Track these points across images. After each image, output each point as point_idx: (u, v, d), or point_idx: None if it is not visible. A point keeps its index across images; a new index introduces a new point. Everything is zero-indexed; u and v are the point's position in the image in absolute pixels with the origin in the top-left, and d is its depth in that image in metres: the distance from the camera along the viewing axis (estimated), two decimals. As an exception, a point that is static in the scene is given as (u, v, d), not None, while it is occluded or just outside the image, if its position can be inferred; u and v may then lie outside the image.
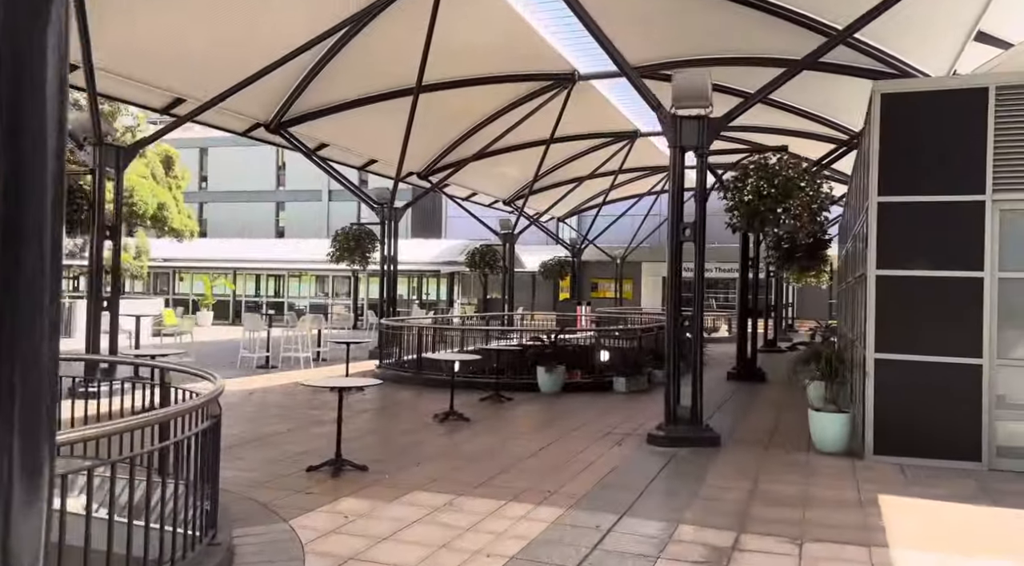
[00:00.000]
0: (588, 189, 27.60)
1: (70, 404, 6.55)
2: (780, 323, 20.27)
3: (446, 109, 17.37)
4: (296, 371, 13.27)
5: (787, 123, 16.39)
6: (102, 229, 9.33)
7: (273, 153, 48.98)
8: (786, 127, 16.60)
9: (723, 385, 12.49)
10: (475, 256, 22.44)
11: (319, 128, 16.00)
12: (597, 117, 20.59)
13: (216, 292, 30.61)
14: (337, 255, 16.16)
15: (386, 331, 12.83)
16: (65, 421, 6.30)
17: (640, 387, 11.62)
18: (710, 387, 10.09)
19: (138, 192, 20.32)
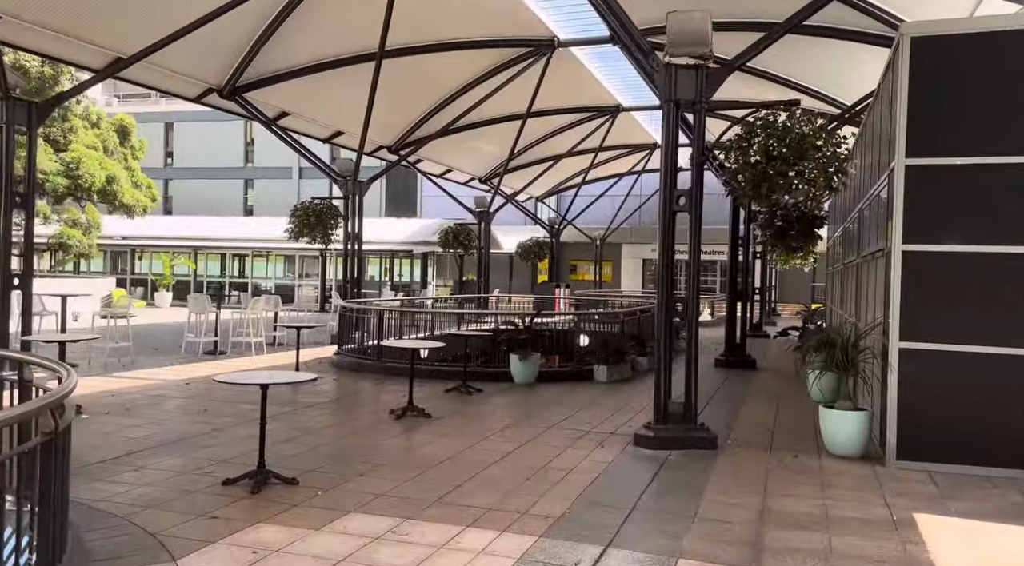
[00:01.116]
0: (567, 168, 26.52)
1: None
2: (765, 307, 19.44)
3: (417, 78, 16.15)
4: (244, 358, 12.08)
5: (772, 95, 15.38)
6: (10, 196, 8.04)
7: (241, 129, 47.24)
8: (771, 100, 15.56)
9: (712, 373, 11.54)
10: (448, 235, 21.25)
11: (279, 95, 14.71)
12: (577, 89, 19.45)
13: (177, 272, 29.11)
14: (296, 231, 14.90)
15: (345, 314, 11.67)
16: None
17: (623, 376, 10.62)
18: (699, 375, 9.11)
19: (85, 164, 18.83)
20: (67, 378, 3.52)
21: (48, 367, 3.96)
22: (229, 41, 12.35)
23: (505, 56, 15.98)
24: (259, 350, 12.64)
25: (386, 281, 29.84)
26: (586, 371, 10.53)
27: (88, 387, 8.68)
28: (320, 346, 13.72)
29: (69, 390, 3.18)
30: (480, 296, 20.75)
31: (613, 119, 21.26)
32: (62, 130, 19.38)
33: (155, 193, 25.67)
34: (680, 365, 6.79)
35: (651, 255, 37.55)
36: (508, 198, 24.29)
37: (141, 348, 12.77)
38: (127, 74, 12.28)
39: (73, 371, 3.67)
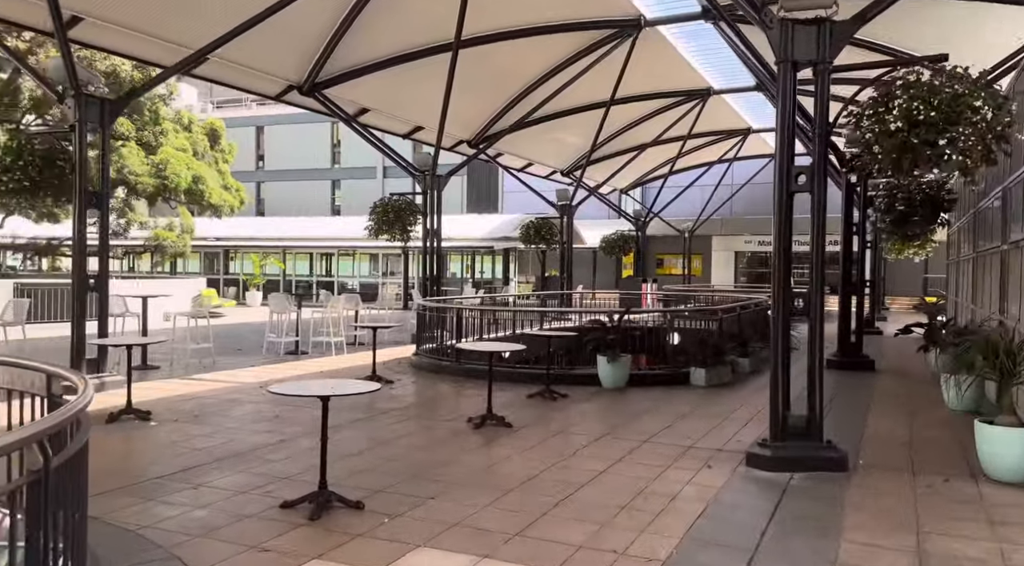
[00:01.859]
0: (653, 158, 25.35)
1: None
2: (877, 301, 17.80)
3: (496, 68, 15.55)
4: (324, 359, 11.79)
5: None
6: (85, 196, 7.90)
7: (328, 131, 48.22)
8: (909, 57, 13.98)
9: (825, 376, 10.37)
10: (530, 230, 20.62)
11: (358, 91, 14.40)
12: (665, 73, 18.34)
13: (267, 272, 29.75)
14: (375, 229, 14.60)
15: (423, 313, 11.17)
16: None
17: (722, 379, 9.64)
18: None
19: (172, 165, 19.26)
20: (81, 393, 3.01)
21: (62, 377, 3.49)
22: (307, 36, 12.11)
23: (587, 40, 15.14)
24: (339, 350, 12.34)
25: (467, 278, 29.51)
26: (681, 374, 9.62)
27: (164, 390, 8.50)
28: (400, 346, 13.33)
29: (69, 416, 2.65)
30: (563, 293, 20.00)
31: (703, 103, 20.01)
32: (153, 134, 19.90)
33: (243, 196, 26.21)
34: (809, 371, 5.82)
35: (744, 247, 35.74)
36: (591, 191, 23.39)
37: (224, 348, 12.72)
38: (208, 73, 12.26)
39: (90, 385, 3.17)
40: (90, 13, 9.18)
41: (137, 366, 10.09)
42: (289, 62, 12.82)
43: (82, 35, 9.54)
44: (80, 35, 9.48)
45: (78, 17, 9.23)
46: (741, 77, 19.25)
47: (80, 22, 9.28)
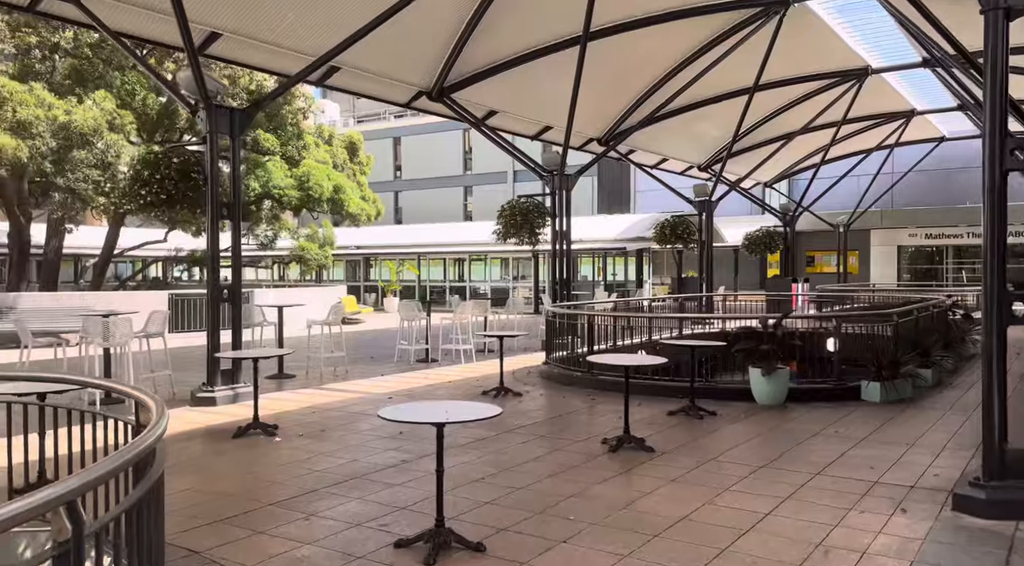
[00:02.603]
0: (800, 148, 23.38)
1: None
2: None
3: (626, 60, 14.72)
4: (454, 367, 11.47)
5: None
6: (218, 207, 7.96)
7: (460, 138, 49.06)
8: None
9: (1018, 391, 8.73)
10: (665, 229, 19.51)
11: (485, 93, 14.10)
12: (815, 52, 16.69)
13: (404, 278, 30.43)
14: (503, 232, 14.21)
15: (552, 320, 10.56)
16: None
17: (901, 395, 8.27)
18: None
19: (314, 177, 19.92)
20: (156, 415, 2.59)
21: (132, 395, 3.12)
22: (433, 41, 11.93)
23: (727, 22, 13.95)
24: (468, 358, 12.01)
25: (599, 281, 28.66)
26: (850, 389, 8.36)
27: (294, 402, 8.43)
28: (530, 353, 12.80)
29: (110, 468, 2.19)
30: (703, 295, 18.72)
31: (860, 85, 18.07)
32: (296, 148, 20.72)
33: (380, 206, 26.88)
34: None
35: (908, 241, 32.37)
36: (732, 185, 21.89)
37: (359, 356, 12.77)
38: (341, 83, 12.37)
39: (165, 412, 2.75)
40: (225, 28, 9.38)
41: (273, 375, 10.23)
42: (417, 68, 12.70)
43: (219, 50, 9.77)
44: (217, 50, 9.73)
45: (216, 33, 9.49)
46: (904, 52, 17.19)
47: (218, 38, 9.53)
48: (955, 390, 8.82)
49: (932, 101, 21.47)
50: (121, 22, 8.21)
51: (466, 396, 8.82)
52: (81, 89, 15.21)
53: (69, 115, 13.56)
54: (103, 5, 7.83)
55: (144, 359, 8.77)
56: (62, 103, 13.89)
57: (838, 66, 17.48)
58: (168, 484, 3.01)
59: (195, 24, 9.00)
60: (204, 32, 9.42)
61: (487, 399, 8.58)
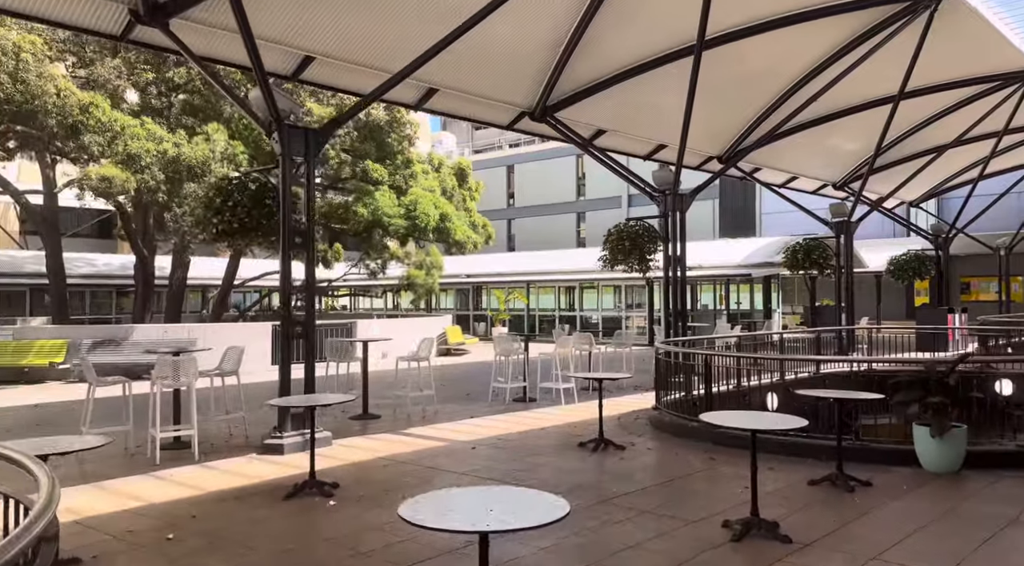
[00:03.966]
0: (952, 162, 20.71)
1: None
2: None
3: (748, 69, 13.29)
4: (552, 409, 10.34)
5: None
6: (291, 234, 7.35)
7: (573, 164, 48.38)
8: None
9: None
10: (797, 253, 17.51)
11: (592, 112, 13.17)
12: (971, 52, 14.50)
13: (512, 307, 29.70)
14: (610, 259, 13.01)
15: (663, 358, 9.21)
16: None
17: (1125, 466, 6.34)
18: None
19: (421, 205, 19.58)
20: (34, 513, 1.69)
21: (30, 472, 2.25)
22: (534, 59, 11.15)
23: (865, 22, 12.24)
24: (569, 397, 10.85)
25: (721, 310, 26.61)
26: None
27: (368, 450, 7.59)
28: (642, 393, 11.45)
29: None
30: (844, 329, 16.55)
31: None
32: (404, 177, 20.55)
33: (491, 232, 26.37)
34: None
35: (1086, 265, 28.08)
36: (873, 205, 19.56)
37: (453, 393, 11.94)
38: (440, 105, 11.85)
39: (55, 497, 1.85)
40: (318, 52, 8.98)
41: (357, 415, 9.52)
42: (518, 88, 11.95)
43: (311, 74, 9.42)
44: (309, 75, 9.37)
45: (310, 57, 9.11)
46: (1085, 44, 14.65)
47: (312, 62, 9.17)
48: None
49: None
50: (204, 47, 7.94)
51: (560, 448, 7.67)
52: (194, 121, 15.57)
53: (178, 148, 13.79)
54: (190, 31, 7.56)
55: (220, 398, 8.29)
56: (171, 137, 14.17)
57: (999, 68, 15.14)
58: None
59: (286, 47, 8.69)
60: (298, 56, 9.09)
61: (584, 453, 7.40)
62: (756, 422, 4.86)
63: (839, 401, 6.24)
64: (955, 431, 6.21)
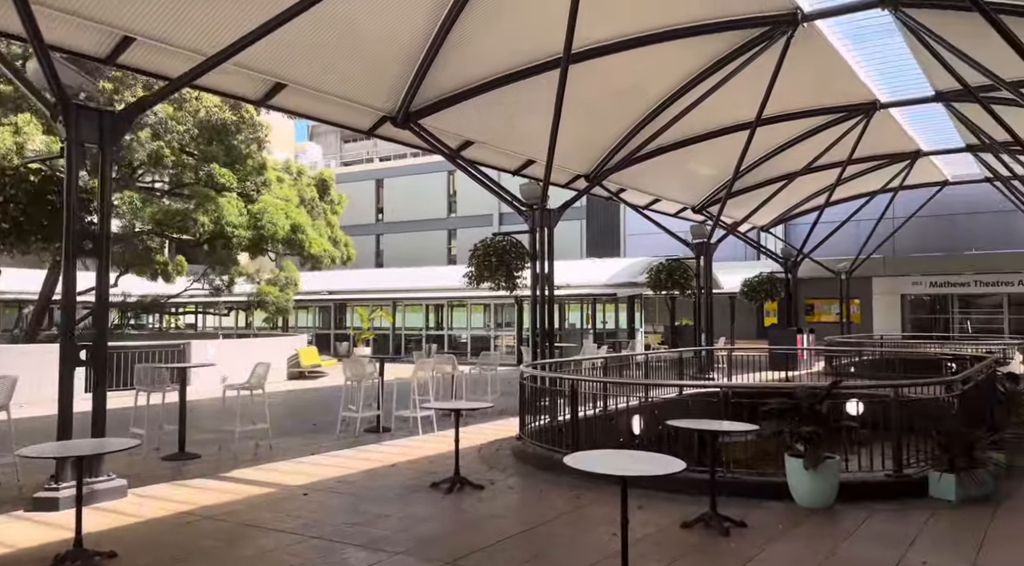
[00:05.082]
0: (799, 190, 21.85)
1: None
2: None
3: (616, 87, 13.13)
4: (410, 440, 9.35)
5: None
6: (77, 238, 5.95)
7: (444, 180, 47.65)
8: None
9: None
10: (660, 274, 17.66)
11: (460, 121, 12.45)
12: (821, 84, 15.21)
13: (375, 326, 28.31)
14: (476, 276, 12.28)
15: (527, 383, 8.49)
16: None
17: (983, 490, 6.25)
18: None
19: (269, 214, 17.99)
20: None
21: None
22: (396, 58, 10.26)
23: (726, 46, 12.41)
24: (428, 427, 9.90)
25: (588, 329, 26.64)
26: (912, 482, 6.35)
27: (171, 502, 6.21)
28: (507, 418, 10.68)
29: None
30: (703, 349, 16.73)
31: (867, 120, 16.58)
32: (256, 184, 18.86)
33: (351, 250, 24.98)
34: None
35: (912, 289, 30.70)
36: (729, 229, 20.15)
37: (299, 424, 10.65)
38: (288, 103, 10.65)
39: None
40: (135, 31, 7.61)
41: (171, 455, 8.08)
42: (380, 90, 10.99)
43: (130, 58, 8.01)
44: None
45: (130, 37, 7.72)
46: (914, 84, 15.74)
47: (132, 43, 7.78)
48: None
49: (938, 142, 20.08)
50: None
51: (409, 490, 6.69)
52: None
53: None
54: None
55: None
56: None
57: (846, 100, 16.00)
58: None
59: (99, 25, 7.26)
60: (115, 35, 7.67)
61: (436, 495, 6.48)
62: (627, 465, 4.17)
63: (711, 435, 5.72)
64: (828, 463, 5.87)
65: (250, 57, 9.24)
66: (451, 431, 9.70)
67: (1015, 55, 7.90)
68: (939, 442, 6.47)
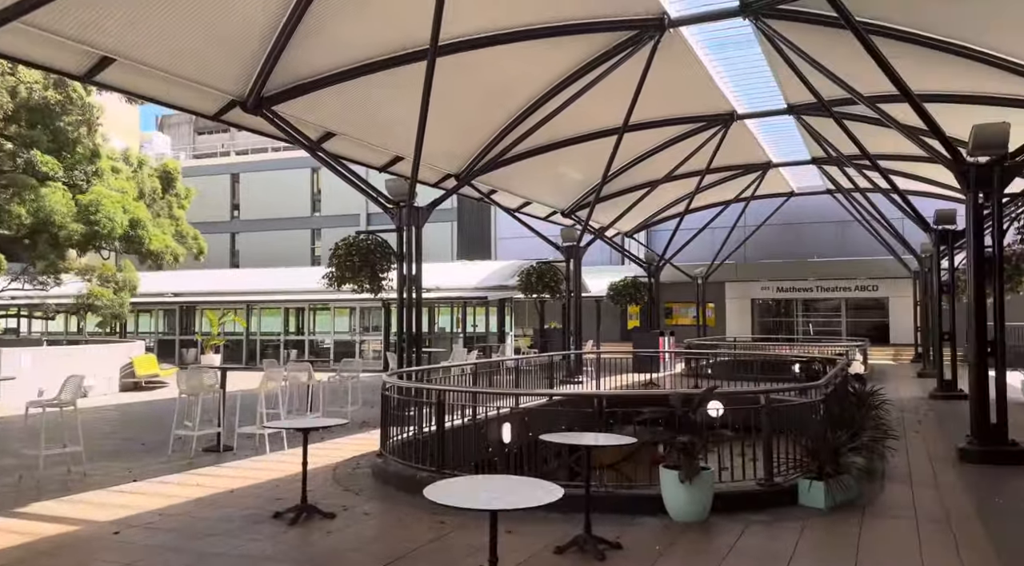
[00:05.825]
0: (660, 197, 22.49)
1: None
2: (953, 356, 14.41)
3: (487, 85, 12.75)
4: (255, 461, 8.34)
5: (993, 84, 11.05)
6: None
7: (308, 177, 45.51)
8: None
9: (973, 481, 7.12)
10: (531, 276, 17.43)
11: (320, 110, 11.57)
12: (684, 93, 15.61)
13: (229, 330, 26.30)
14: (337, 277, 11.37)
15: (390, 395, 7.76)
16: None
17: (849, 495, 6.27)
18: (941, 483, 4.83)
19: (104, 207, 16.03)
20: None
21: None
22: (247, 37, 9.22)
23: (598, 47, 12.36)
24: (277, 444, 8.91)
25: (458, 333, 26.10)
26: (784, 490, 6.27)
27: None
28: (369, 431, 9.89)
29: None
30: (573, 353, 16.65)
31: (725, 131, 17.22)
32: (86, 173, 16.78)
33: (202, 245, 23.01)
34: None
35: (760, 294, 32.68)
36: (597, 233, 20.33)
37: (127, 444, 9.31)
38: (115, 79, 9.36)
39: None
40: None
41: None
42: (229, 71, 9.92)
43: None
44: None
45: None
46: (770, 96, 16.53)
47: None
48: (898, 484, 6.99)
49: (789, 152, 21.33)
50: None
51: (247, 522, 5.78)
52: None
53: None
54: None
55: None
56: None
57: (706, 109, 16.52)
58: None
59: None
60: None
61: (279, 528, 5.63)
62: (498, 493, 3.62)
63: (585, 449, 5.30)
64: (704, 474, 5.62)
65: (65, 22, 7.98)
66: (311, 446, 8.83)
67: (872, 70, 8.21)
68: (808, 448, 6.43)
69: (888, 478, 7.20)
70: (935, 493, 6.67)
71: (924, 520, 5.71)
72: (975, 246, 8.07)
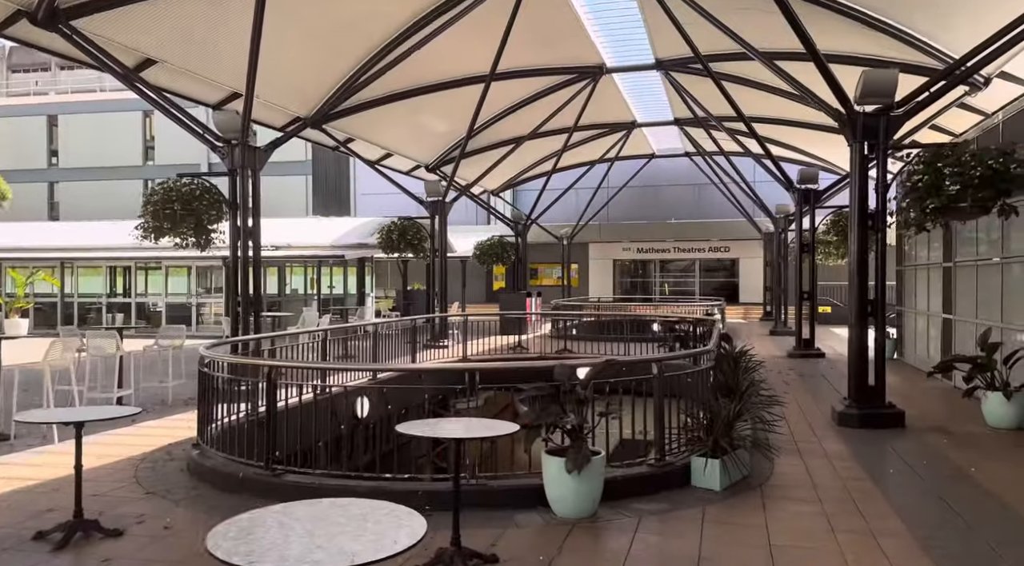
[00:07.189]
0: (527, 155, 21.65)
1: None
2: (811, 317, 14.69)
3: (340, 17, 11.08)
4: (33, 455, 6.58)
5: (869, 46, 10.86)
6: None
7: (139, 122, 40.80)
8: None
9: (850, 440, 6.80)
10: (392, 234, 16.00)
11: (138, 32, 9.71)
12: (555, 40, 14.62)
13: (40, 291, 22.79)
14: (152, 227, 9.43)
15: (209, 373, 6.25)
16: None
17: (743, 472, 5.64)
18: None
19: None
20: None
21: None
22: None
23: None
24: (66, 432, 7.15)
25: (312, 295, 24.14)
26: (677, 470, 5.53)
27: None
28: (185, 413, 8.27)
29: None
30: (437, 316, 15.47)
31: (594, 85, 16.50)
32: None
33: (4, 190, 19.52)
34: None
35: (622, 255, 33.02)
36: (463, 190, 19.16)
37: None
38: None
39: None
40: None
41: None
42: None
43: None
44: None
45: None
46: (639, 52, 15.94)
47: None
48: (785, 456, 6.48)
49: (651, 114, 21.10)
50: None
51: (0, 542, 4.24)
52: None
53: None
54: None
55: None
56: None
57: (577, 60, 15.68)
58: None
59: None
60: None
61: (40, 554, 4.12)
62: (330, 530, 2.45)
63: (457, 442, 4.20)
64: (594, 461, 4.70)
65: None
66: (111, 434, 7.18)
67: (765, 26, 7.62)
68: (701, 423, 5.73)
69: (774, 448, 6.70)
70: (827, 464, 6.22)
71: (828, 501, 5.15)
72: (859, 199, 7.71)
